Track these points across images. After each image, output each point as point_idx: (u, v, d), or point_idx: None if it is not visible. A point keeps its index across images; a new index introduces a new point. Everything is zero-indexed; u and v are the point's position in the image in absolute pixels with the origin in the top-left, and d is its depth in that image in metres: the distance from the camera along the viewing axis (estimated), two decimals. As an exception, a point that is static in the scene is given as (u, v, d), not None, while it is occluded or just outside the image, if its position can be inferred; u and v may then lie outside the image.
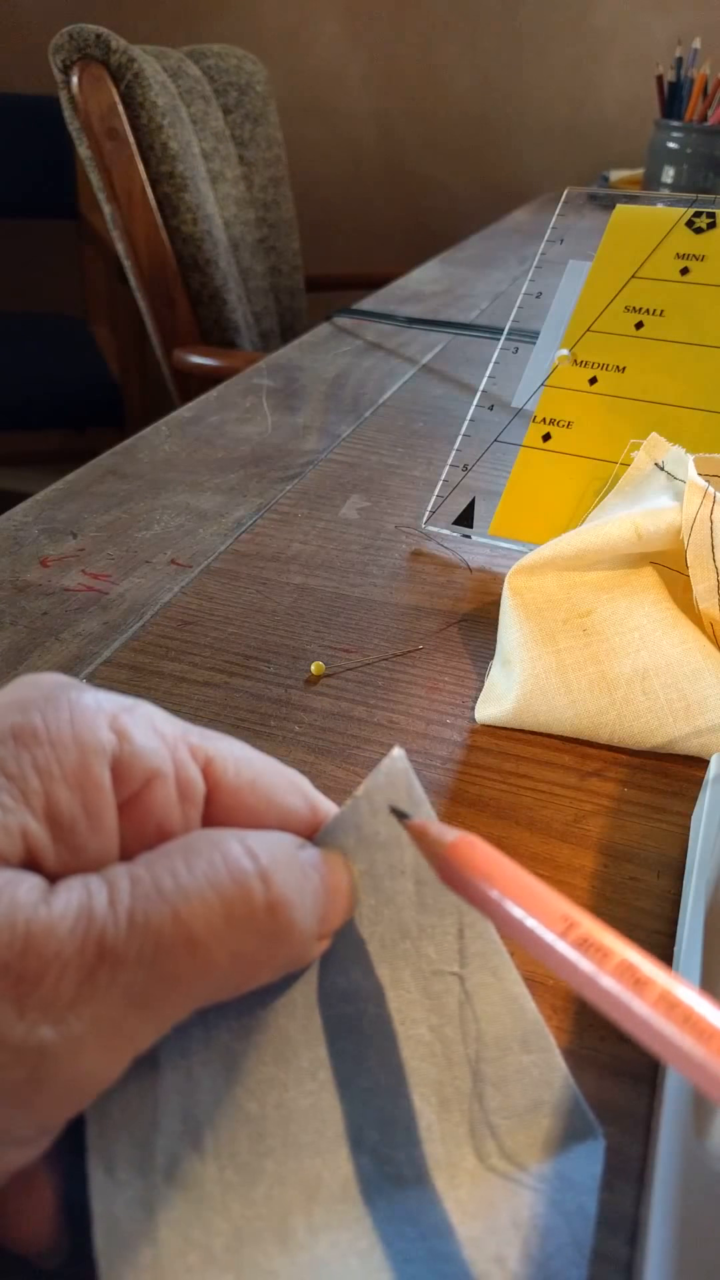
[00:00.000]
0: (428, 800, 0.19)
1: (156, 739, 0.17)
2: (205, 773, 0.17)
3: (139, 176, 1.17)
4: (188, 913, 0.15)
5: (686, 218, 0.43)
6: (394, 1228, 0.16)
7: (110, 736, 0.16)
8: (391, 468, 0.53)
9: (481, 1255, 0.16)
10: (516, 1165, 0.17)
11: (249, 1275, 0.15)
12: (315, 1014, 0.18)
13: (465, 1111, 0.18)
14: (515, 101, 1.82)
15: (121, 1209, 0.15)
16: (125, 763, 0.16)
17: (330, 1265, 0.16)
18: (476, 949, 0.19)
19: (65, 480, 0.51)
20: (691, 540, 0.31)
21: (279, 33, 1.87)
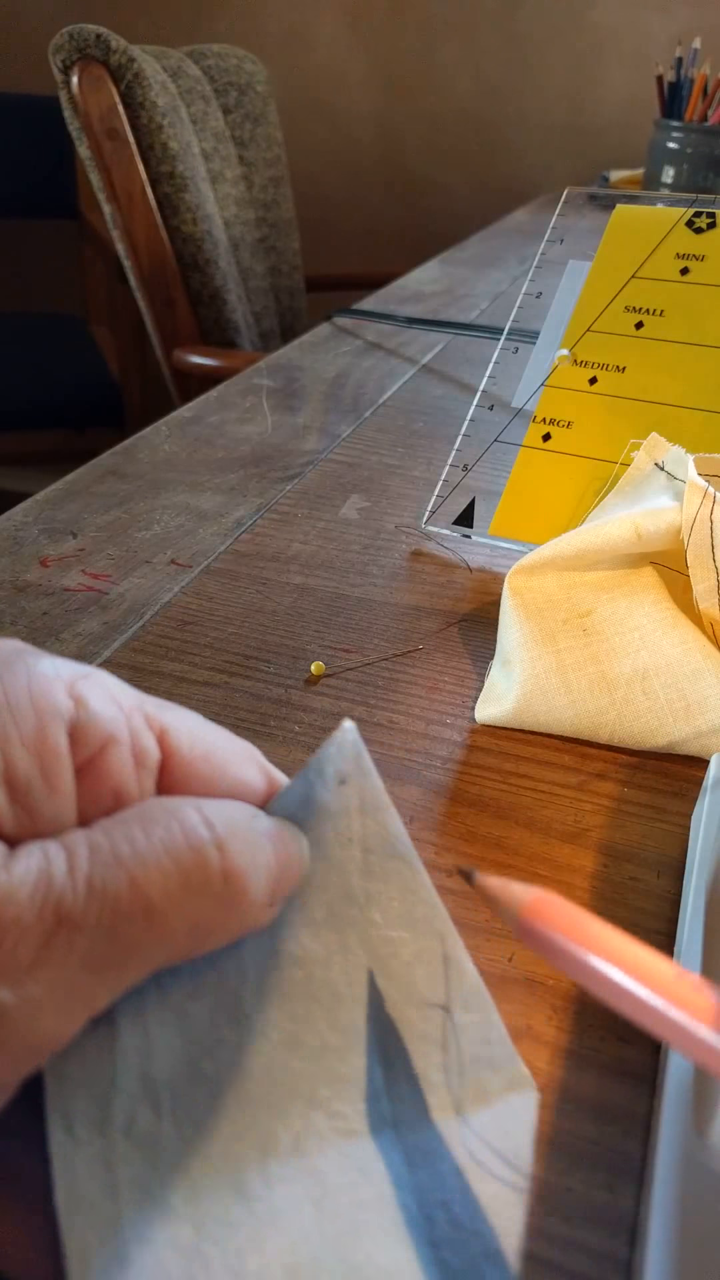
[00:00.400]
0: (376, 770, 0.20)
1: (113, 706, 0.17)
2: (160, 741, 0.18)
3: (139, 176, 1.17)
4: (145, 880, 0.15)
5: (686, 218, 0.43)
6: (346, 1178, 0.17)
7: (67, 702, 0.16)
8: (391, 468, 0.53)
9: (428, 1200, 0.17)
10: (458, 1116, 0.18)
11: (208, 1226, 0.16)
12: (266, 977, 0.18)
13: (409, 1068, 0.19)
14: (515, 101, 1.82)
15: (81, 1166, 0.16)
16: (82, 728, 0.16)
17: (286, 1213, 0.16)
18: (420, 914, 0.20)
19: (65, 480, 0.51)
20: (691, 540, 0.31)
21: (279, 33, 1.87)
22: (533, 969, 0.24)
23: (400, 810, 0.29)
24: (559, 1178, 0.20)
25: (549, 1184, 0.20)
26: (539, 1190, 0.19)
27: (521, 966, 0.24)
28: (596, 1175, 0.20)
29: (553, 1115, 0.21)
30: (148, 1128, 0.17)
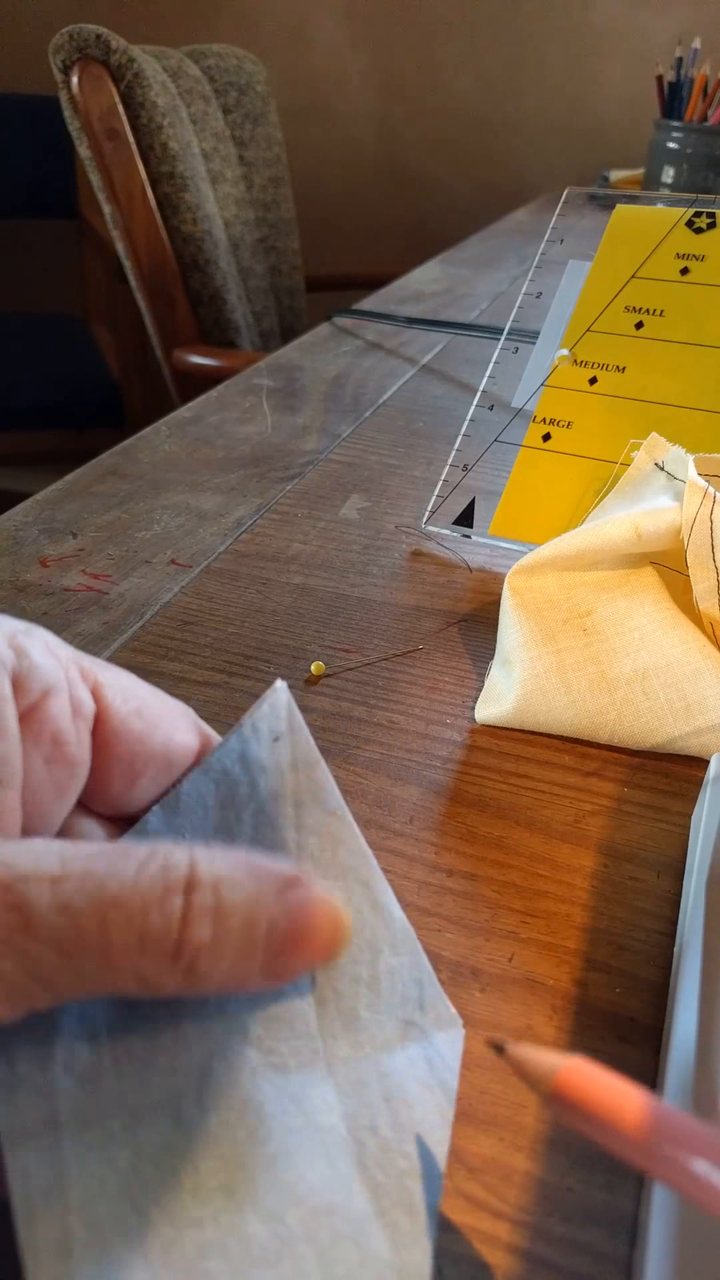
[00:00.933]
0: (307, 729, 0.21)
1: (51, 658, 0.18)
2: (94, 695, 0.19)
3: (139, 176, 1.17)
4: (113, 925, 0.15)
5: (686, 218, 0.43)
6: (279, 1105, 0.18)
7: (8, 652, 0.17)
8: (391, 468, 0.53)
9: (357, 1125, 0.18)
10: (386, 1051, 0.19)
11: (145, 1149, 0.17)
12: None
13: (340, 1008, 0.19)
14: (515, 101, 1.82)
15: (23, 1099, 0.16)
16: (24, 675, 0.17)
17: (220, 1137, 0.17)
18: (349, 863, 0.21)
19: (65, 480, 0.51)
20: (691, 540, 0.31)
21: (279, 33, 1.87)
22: (533, 969, 0.24)
23: (400, 810, 0.29)
24: (559, 1178, 0.20)
25: (549, 1184, 0.20)
26: (539, 1190, 0.19)
27: (521, 966, 0.24)
28: (596, 1175, 0.20)
29: (553, 1115, 0.21)
30: (87, 1064, 0.17)
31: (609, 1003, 0.23)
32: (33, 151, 1.88)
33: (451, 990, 0.23)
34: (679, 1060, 0.20)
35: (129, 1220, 0.16)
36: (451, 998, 0.23)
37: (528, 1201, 0.19)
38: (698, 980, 0.21)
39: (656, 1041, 0.22)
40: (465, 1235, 0.19)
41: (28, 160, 1.88)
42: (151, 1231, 0.16)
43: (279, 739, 0.21)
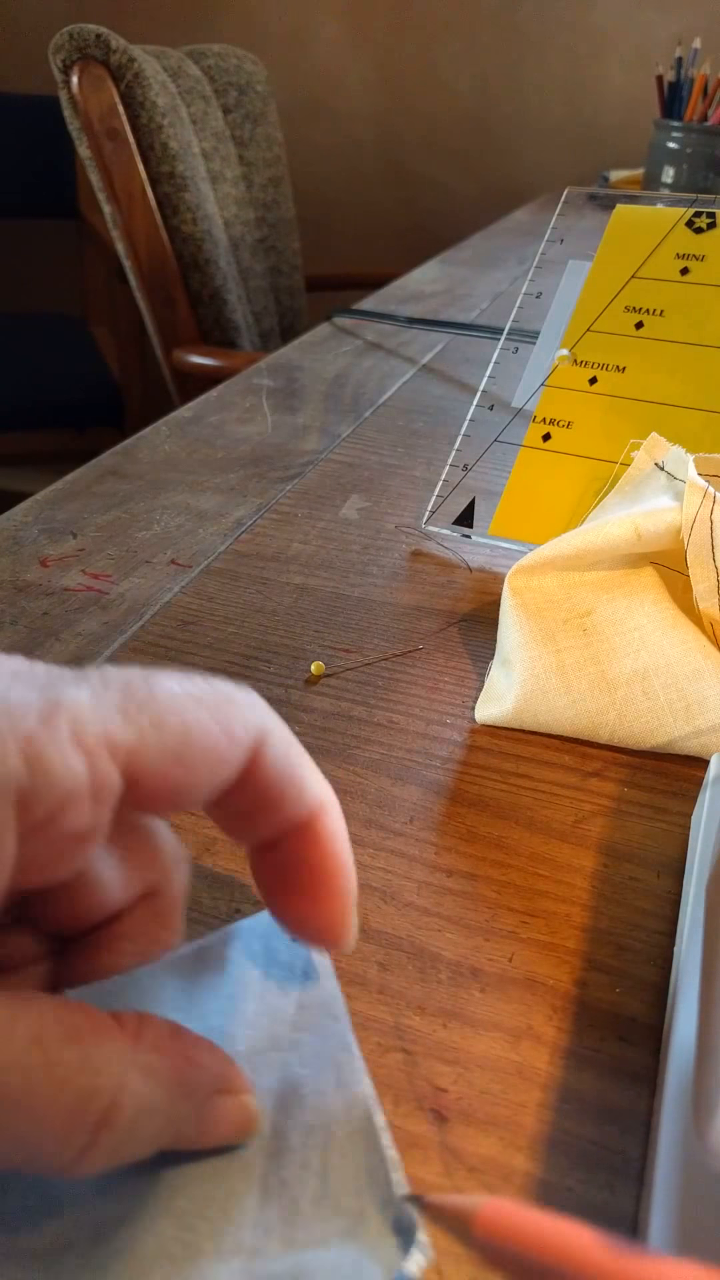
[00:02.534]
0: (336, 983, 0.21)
1: (77, 755, 0.15)
2: (125, 770, 0.16)
3: (139, 176, 1.17)
4: (6, 1145, 0.15)
5: (686, 218, 0.43)
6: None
7: (19, 767, 0.15)
8: (391, 468, 0.53)
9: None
10: (320, 1248, 0.17)
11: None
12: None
13: (283, 1200, 0.18)
14: (515, 101, 1.82)
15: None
16: (37, 794, 0.15)
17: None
18: (341, 1060, 0.20)
19: (65, 480, 0.51)
20: (691, 540, 0.31)
21: (279, 33, 1.87)
22: (533, 969, 0.24)
23: (400, 810, 0.29)
24: (559, 1178, 0.20)
25: (549, 1184, 0.20)
26: (539, 1190, 0.19)
27: (521, 966, 0.24)
28: (596, 1175, 0.20)
29: (553, 1115, 0.21)
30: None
31: (609, 1003, 0.23)
32: (33, 151, 1.88)
33: (451, 991, 0.23)
34: (679, 1060, 0.20)
35: None
36: (451, 998, 0.23)
37: (528, 1202, 0.19)
38: (698, 980, 0.21)
39: (656, 1041, 0.22)
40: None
41: (28, 160, 1.88)
42: None
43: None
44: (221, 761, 0.17)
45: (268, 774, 0.18)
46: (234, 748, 0.17)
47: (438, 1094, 0.21)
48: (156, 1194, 0.17)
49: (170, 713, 0.17)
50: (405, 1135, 0.20)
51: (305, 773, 0.19)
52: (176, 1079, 0.17)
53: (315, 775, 0.19)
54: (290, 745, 0.19)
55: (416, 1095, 0.21)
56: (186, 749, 0.17)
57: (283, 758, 0.18)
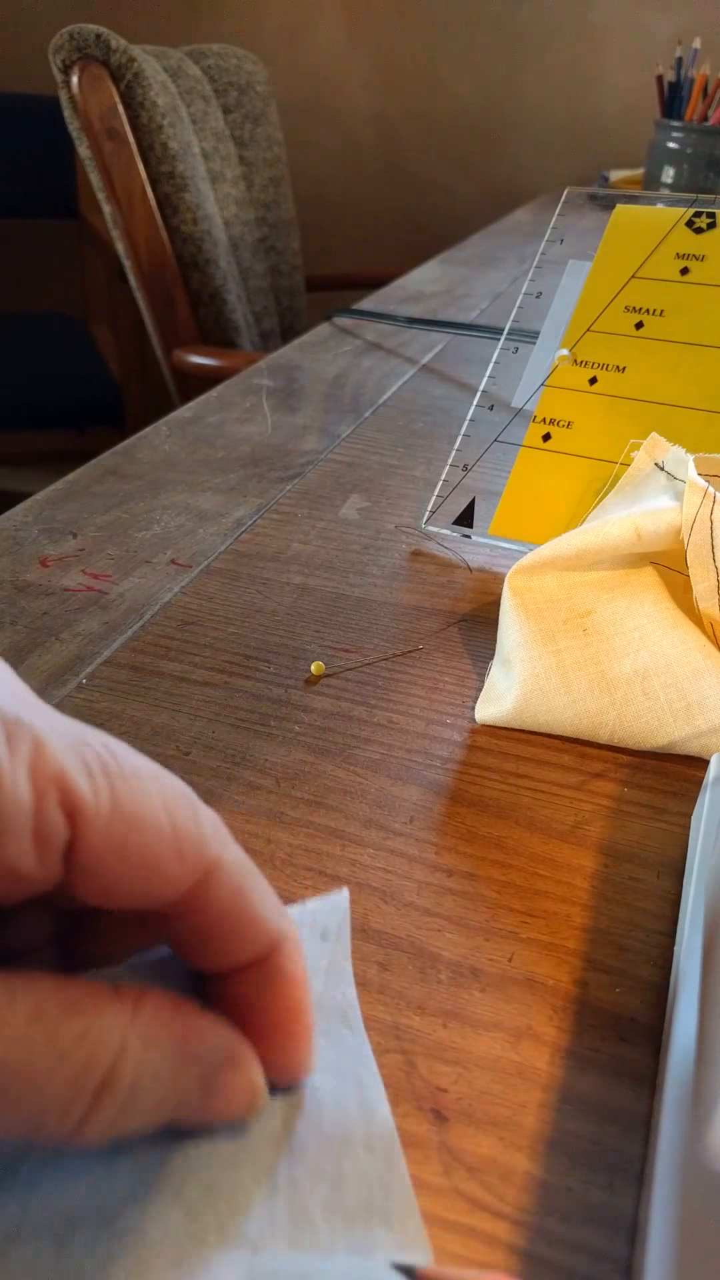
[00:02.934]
0: (349, 938, 0.23)
1: (23, 789, 0.15)
2: (70, 821, 0.15)
3: (139, 176, 1.17)
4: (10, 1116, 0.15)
5: (686, 218, 0.43)
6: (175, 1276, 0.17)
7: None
8: (391, 468, 0.53)
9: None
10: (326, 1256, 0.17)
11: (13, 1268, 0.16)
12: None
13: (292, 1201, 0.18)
14: (515, 101, 1.82)
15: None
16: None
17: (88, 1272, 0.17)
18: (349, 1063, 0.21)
19: (65, 480, 0.51)
20: (691, 540, 0.31)
21: (279, 33, 1.87)
22: (533, 969, 0.24)
23: (400, 810, 0.29)
24: (559, 1178, 0.20)
25: (549, 1184, 0.20)
26: (539, 1190, 0.19)
27: (521, 966, 0.24)
28: (596, 1175, 0.20)
29: (553, 1115, 0.21)
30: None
31: (609, 1003, 0.23)
32: (33, 151, 1.88)
33: (451, 990, 0.23)
34: (679, 1060, 0.20)
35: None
36: (451, 998, 0.23)
37: (528, 1202, 0.19)
38: (698, 980, 0.21)
39: (656, 1041, 0.22)
40: (465, 1235, 0.19)
41: (28, 160, 1.88)
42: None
43: (326, 938, 0.23)
44: (162, 874, 0.16)
45: (216, 907, 0.17)
46: (182, 868, 0.17)
47: (438, 1094, 0.21)
48: (166, 1178, 0.18)
49: (130, 796, 0.16)
50: (405, 1135, 0.20)
51: (259, 907, 0.18)
52: (179, 1049, 0.17)
53: (273, 910, 0.18)
54: (245, 878, 0.18)
55: (416, 1095, 0.21)
56: (131, 844, 0.16)
57: (234, 893, 0.18)
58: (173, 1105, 0.17)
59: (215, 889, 0.17)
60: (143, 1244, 0.17)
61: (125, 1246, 0.17)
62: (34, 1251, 0.17)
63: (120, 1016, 0.16)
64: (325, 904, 0.23)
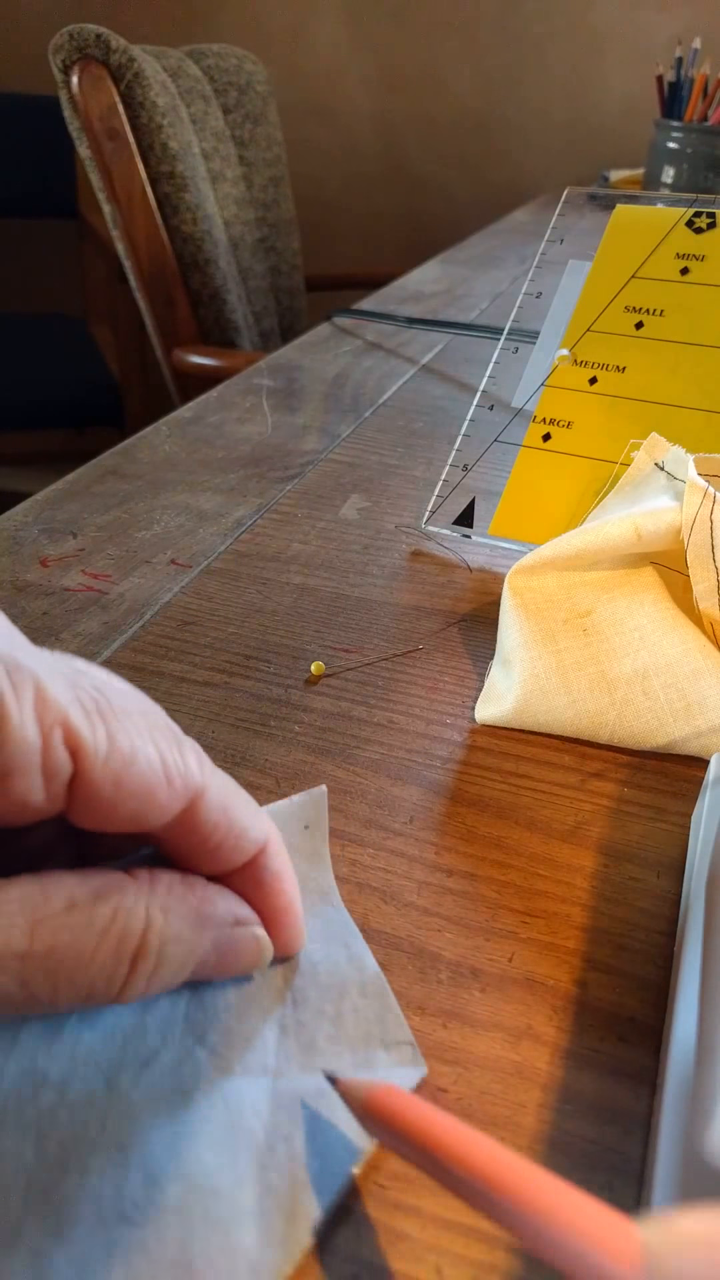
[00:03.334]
0: (328, 828, 0.26)
1: (31, 728, 0.16)
2: (73, 757, 0.17)
3: (139, 176, 1.17)
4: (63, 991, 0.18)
5: (686, 218, 0.43)
6: (208, 1100, 0.20)
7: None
8: (391, 468, 0.53)
9: (275, 1134, 0.19)
10: (334, 1074, 0.20)
11: (69, 1098, 0.19)
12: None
13: (300, 1038, 0.21)
14: (515, 101, 1.82)
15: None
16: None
17: (140, 1107, 0.19)
18: (334, 931, 0.24)
19: (65, 480, 0.51)
20: (691, 540, 0.31)
21: (279, 33, 1.87)
22: (533, 969, 0.24)
23: (400, 810, 0.29)
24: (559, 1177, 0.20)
25: (549, 1184, 0.20)
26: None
27: (521, 966, 0.24)
28: (596, 1175, 0.20)
29: (553, 1115, 0.21)
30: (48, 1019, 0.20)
31: (609, 1003, 0.23)
32: (33, 151, 1.88)
33: (451, 990, 0.23)
34: (679, 1060, 0.20)
35: (26, 1153, 0.18)
36: (451, 998, 0.23)
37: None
38: (698, 980, 0.21)
39: (656, 1041, 0.22)
40: (466, 1234, 0.19)
41: (28, 160, 1.88)
42: (43, 1168, 0.18)
43: (308, 828, 0.26)
44: (155, 803, 0.18)
45: (204, 826, 0.20)
46: (171, 796, 0.19)
47: (438, 1094, 0.21)
48: (189, 1029, 0.21)
49: (124, 733, 0.18)
50: (405, 1135, 0.20)
51: (243, 820, 0.20)
52: (193, 915, 0.20)
53: (254, 818, 0.21)
54: (228, 797, 0.20)
55: (416, 1095, 0.21)
56: (126, 776, 0.18)
57: (219, 811, 0.20)
58: (193, 963, 0.20)
59: (203, 811, 0.19)
60: (178, 1079, 0.20)
61: (163, 1082, 0.20)
62: (88, 1089, 0.20)
63: (141, 894, 0.19)
64: (306, 798, 0.27)
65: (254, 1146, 0.19)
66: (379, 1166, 0.20)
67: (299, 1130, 0.19)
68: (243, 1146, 0.19)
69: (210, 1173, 0.18)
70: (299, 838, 0.26)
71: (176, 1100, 0.19)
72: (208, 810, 0.19)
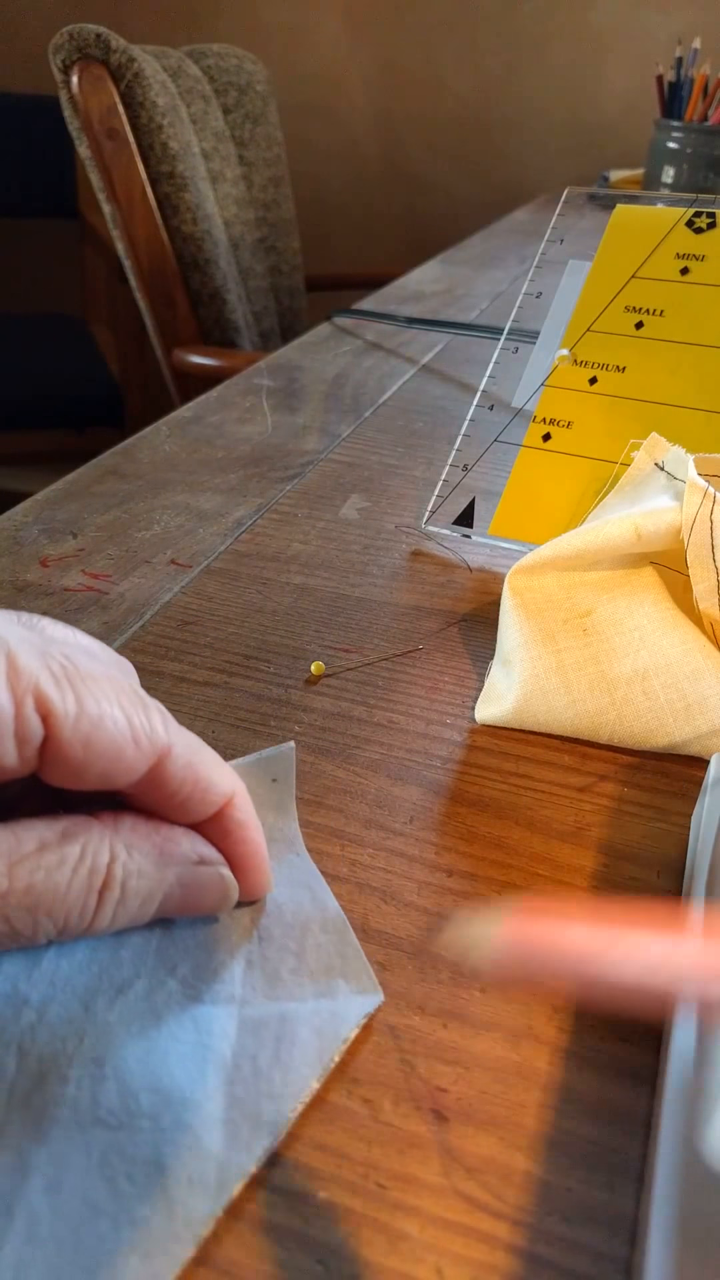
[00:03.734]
0: (294, 785, 0.28)
1: (5, 695, 0.18)
2: (44, 722, 0.18)
3: (139, 176, 1.17)
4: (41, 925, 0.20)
5: (686, 218, 0.43)
6: (178, 1022, 0.21)
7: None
8: (391, 468, 0.53)
9: (242, 1053, 0.21)
10: (298, 1001, 0.22)
11: (49, 1019, 0.21)
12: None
13: (265, 970, 0.23)
14: (515, 101, 1.82)
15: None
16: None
17: (115, 1027, 0.21)
18: (298, 875, 0.26)
19: (65, 480, 0.51)
20: (691, 540, 0.31)
21: (279, 33, 1.87)
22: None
23: (400, 810, 0.29)
24: (559, 1177, 0.20)
25: (549, 1184, 0.20)
26: (539, 1191, 0.19)
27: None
28: (596, 1175, 0.20)
29: (553, 1115, 0.21)
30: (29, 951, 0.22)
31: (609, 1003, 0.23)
32: (33, 151, 1.88)
33: (451, 991, 0.23)
34: (679, 1060, 0.20)
35: (8, 1065, 0.20)
36: (451, 998, 0.23)
37: (527, 1201, 0.19)
38: (698, 980, 0.21)
39: (656, 1042, 0.22)
40: (465, 1235, 0.19)
41: (28, 160, 1.88)
42: (24, 1077, 0.20)
43: (276, 781, 0.28)
44: (123, 763, 0.20)
45: (171, 782, 0.21)
46: (139, 755, 0.20)
47: (438, 1094, 0.21)
48: (161, 962, 0.23)
49: (91, 698, 0.19)
50: (405, 1135, 0.20)
51: (209, 775, 0.22)
52: (156, 851, 0.21)
53: (219, 772, 0.22)
54: (193, 753, 0.21)
55: (416, 1095, 0.21)
56: (95, 738, 0.19)
57: (185, 768, 0.21)
58: (159, 899, 0.21)
59: (169, 768, 0.21)
60: (151, 1005, 0.21)
61: (137, 1007, 0.21)
62: (66, 1011, 0.21)
63: (105, 832, 0.20)
64: (275, 753, 0.29)
65: (222, 1064, 0.20)
66: (378, 1166, 0.20)
67: (264, 1051, 0.21)
68: (211, 1064, 0.20)
69: (181, 1085, 0.20)
70: (266, 790, 0.28)
71: (149, 1022, 0.21)
72: (174, 767, 0.21)
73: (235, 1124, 0.19)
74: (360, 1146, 0.20)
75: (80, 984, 0.22)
